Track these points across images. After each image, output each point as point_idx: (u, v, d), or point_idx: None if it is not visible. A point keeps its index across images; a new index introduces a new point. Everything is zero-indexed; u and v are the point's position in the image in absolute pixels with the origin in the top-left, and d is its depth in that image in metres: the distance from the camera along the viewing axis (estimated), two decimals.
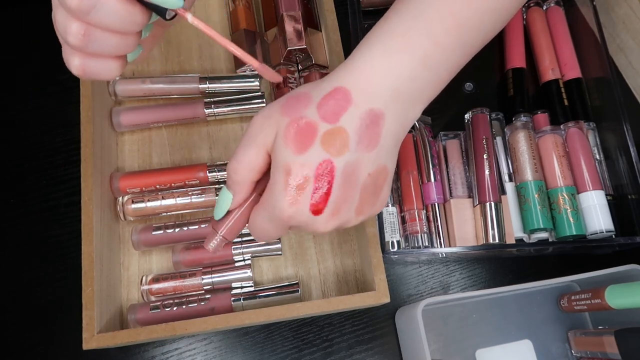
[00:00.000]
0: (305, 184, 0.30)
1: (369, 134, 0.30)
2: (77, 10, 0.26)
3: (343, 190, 0.30)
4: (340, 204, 0.31)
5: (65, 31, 0.28)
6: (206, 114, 0.51)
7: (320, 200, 0.30)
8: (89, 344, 0.40)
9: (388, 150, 0.32)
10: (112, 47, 0.29)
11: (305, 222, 0.31)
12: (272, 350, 0.48)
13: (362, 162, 0.31)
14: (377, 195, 0.32)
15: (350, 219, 0.32)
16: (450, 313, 0.49)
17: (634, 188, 0.48)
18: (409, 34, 0.31)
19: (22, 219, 0.50)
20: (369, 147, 0.30)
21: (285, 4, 0.53)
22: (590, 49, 0.55)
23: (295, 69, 0.54)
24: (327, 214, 0.31)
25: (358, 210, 0.32)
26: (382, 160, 0.32)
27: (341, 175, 0.30)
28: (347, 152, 0.30)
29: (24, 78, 0.55)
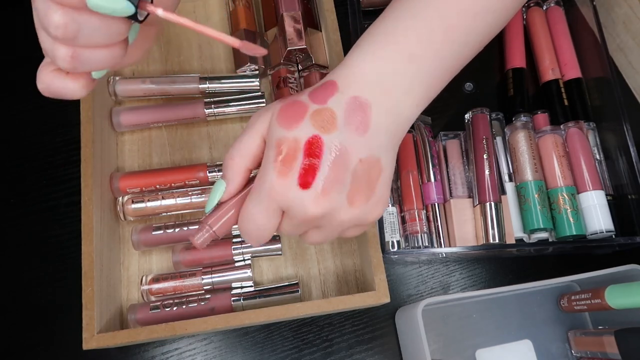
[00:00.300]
0: (295, 157, 0.30)
1: (357, 117, 0.31)
2: (63, 38, 0.27)
3: (332, 168, 0.30)
4: (330, 183, 0.30)
5: (52, 55, 0.28)
6: (206, 114, 0.51)
7: (308, 173, 0.30)
8: (89, 344, 0.40)
9: (381, 143, 0.32)
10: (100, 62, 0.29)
11: (294, 198, 0.30)
12: (272, 350, 0.48)
13: (351, 144, 0.31)
14: (372, 190, 0.32)
15: (341, 206, 0.31)
16: (450, 313, 0.49)
17: (634, 188, 0.48)
18: (395, 32, 0.32)
19: (22, 219, 0.50)
20: (358, 131, 0.31)
21: (285, 4, 0.53)
22: (590, 49, 0.55)
23: (295, 69, 0.54)
24: (315, 189, 0.30)
25: (350, 198, 0.31)
26: (375, 152, 0.31)
27: (330, 152, 0.30)
28: (336, 130, 0.31)
29: (23, 78, 0.55)
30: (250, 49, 0.29)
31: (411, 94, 0.33)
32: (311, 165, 0.30)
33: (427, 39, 0.32)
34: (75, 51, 0.28)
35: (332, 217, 0.31)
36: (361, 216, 0.32)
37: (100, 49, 0.28)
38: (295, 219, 0.31)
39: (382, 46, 0.32)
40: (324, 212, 0.30)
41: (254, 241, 0.33)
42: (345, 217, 0.31)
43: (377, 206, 0.32)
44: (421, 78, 0.33)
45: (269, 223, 0.32)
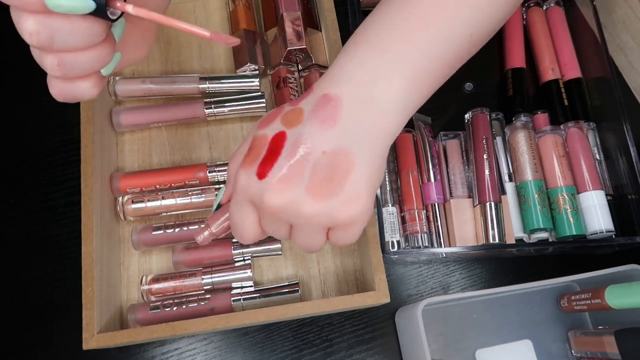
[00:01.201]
0: (260, 151, 0.31)
1: (323, 112, 0.31)
2: (41, 46, 0.27)
3: (290, 158, 0.30)
4: (286, 173, 0.30)
5: (43, 66, 0.29)
6: (206, 114, 0.51)
7: (266, 164, 0.30)
8: (89, 344, 0.40)
9: (355, 138, 0.31)
10: (88, 65, 0.29)
11: (254, 189, 0.30)
12: (272, 350, 0.47)
13: (315, 137, 0.30)
14: (339, 184, 0.30)
15: (300, 199, 0.30)
16: (450, 313, 0.49)
17: (634, 188, 0.48)
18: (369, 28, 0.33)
19: (21, 219, 0.50)
20: (324, 124, 0.31)
21: (285, 4, 0.53)
22: (590, 49, 0.55)
23: (295, 69, 0.54)
24: (272, 179, 0.30)
25: (309, 189, 0.30)
26: (344, 145, 0.30)
27: (291, 144, 0.30)
28: (300, 125, 0.31)
29: (23, 78, 0.55)
30: (221, 39, 0.29)
31: (387, 83, 0.31)
32: (271, 157, 0.31)
33: (404, 28, 0.32)
34: (60, 58, 0.28)
35: (295, 210, 0.30)
36: (329, 212, 0.30)
37: (84, 52, 0.28)
38: (261, 212, 0.32)
39: (355, 42, 0.33)
40: (282, 202, 0.30)
41: (239, 237, 0.34)
42: (309, 210, 0.30)
43: (348, 205, 0.30)
44: (399, 67, 0.31)
45: (245, 218, 0.32)
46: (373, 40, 0.32)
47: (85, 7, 0.26)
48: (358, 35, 0.33)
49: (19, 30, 0.27)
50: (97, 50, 0.29)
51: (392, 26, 0.32)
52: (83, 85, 0.30)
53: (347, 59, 0.32)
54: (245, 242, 0.34)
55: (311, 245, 0.33)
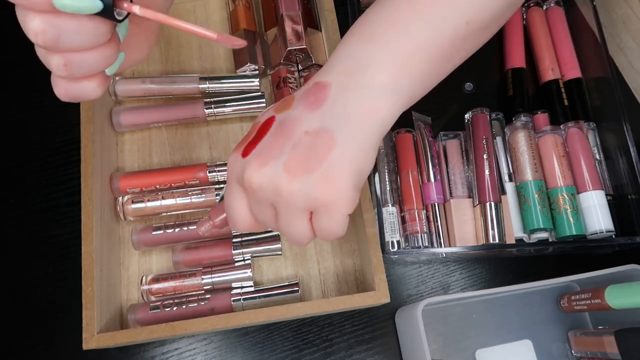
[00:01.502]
0: (250, 135, 0.32)
1: (311, 96, 0.32)
2: (46, 46, 0.27)
3: (272, 137, 0.31)
4: (267, 150, 0.30)
5: (49, 66, 0.29)
6: (206, 114, 0.51)
7: (250, 144, 0.32)
8: (89, 344, 0.40)
9: (337, 119, 0.30)
10: (94, 65, 0.29)
11: (238, 167, 0.31)
12: (272, 350, 0.48)
13: (301, 119, 0.31)
14: (316, 162, 0.29)
15: (276, 173, 0.30)
16: (450, 313, 0.49)
17: (634, 188, 0.48)
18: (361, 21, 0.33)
19: (22, 219, 0.50)
20: (312, 107, 0.31)
21: (285, 4, 0.53)
22: (590, 49, 0.55)
23: (295, 69, 0.54)
24: (252, 155, 0.31)
25: (286, 165, 0.29)
26: (328, 125, 0.30)
27: (276, 126, 0.31)
28: (289, 109, 0.32)
29: (24, 78, 0.55)
30: (228, 41, 0.29)
31: (375, 69, 0.31)
32: (256, 138, 0.32)
33: (392, 19, 0.32)
34: (66, 58, 0.28)
35: (273, 187, 0.30)
36: (305, 191, 0.29)
37: (89, 52, 0.29)
38: (246, 192, 0.32)
39: (347, 35, 0.34)
40: (260, 178, 0.30)
41: (232, 224, 0.34)
42: (286, 187, 0.29)
43: (325, 183, 0.29)
44: (387, 53, 0.31)
45: (236, 201, 0.33)
46: (363, 32, 0.33)
47: (92, 7, 0.26)
48: (350, 30, 0.34)
49: (25, 29, 0.27)
50: (102, 50, 0.29)
51: (382, 17, 0.32)
52: (88, 85, 0.31)
53: (338, 51, 0.33)
54: (238, 229, 0.34)
55: (295, 232, 0.32)
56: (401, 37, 0.31)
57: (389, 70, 0.31)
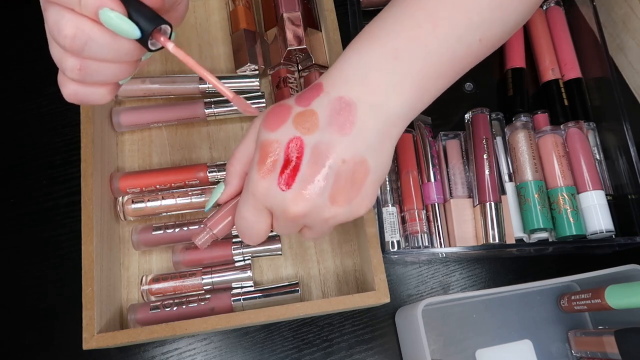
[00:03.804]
0: (277, 158, 0.31)
1: (340, 118, 0.31)
2: (70, 49, 0.27)
3: (313, 168, 0.30)
4: (310, 184, 0.30)
5: (62, 66, 0.29)
6: (206, 114, 0.51)
7: (289, 175, 0.31)
8: (89, 344, 0.40)
9: (367, 143, 0.31)
10: (109, 76, 0.30)
11: (275, 199, 0.31)
12: (272, 350, 0.48)
13: (334, 145, 0.31)
14: (357, 190, 0.31)
15: (323, 206, 0.31)
16: (450, 313, 0.49)
17: (634, 188, 0.48)
18: (381, 31, 0.32)
19: (22, 219, 0.50)
20: (342, 131, 0.31)
21: (285, 4, 0.53)
22: (590, 49, 0.55)
23: (295, 69, 0.54)
24: (295, 189, 0.30)
25: (332, 197, 0.31)
26: (361, 152, 0.31)
27: (311, 152, 0.30)
28: (317, 131, 0.31)
29: (24, 78, 0.55)
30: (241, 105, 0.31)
31: (399, 90, 0.32)
32: (291, 166, 0.31)
33: (414, 35, 0.32)
34: (82, 63, 0.28)
35: (316, 215, 0.31)
36: (347, 214, 0.32)
37: (108, 64, 0.29)
38: (279, 218, 0.32)
39: (367, 44, 0.32)
40: (305, 211, 0.31)
41: (249, 239, 0.34)
42: (328, 214, 0.31)
43: (361, 205, 0.32)
44: (409, 74, 0.32)
45: (259, 222, 0.33)
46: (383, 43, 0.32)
47: (132, 34, 0.27)
48: (368, 34, 0.33)
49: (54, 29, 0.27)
50: (122, 66, 0.30)
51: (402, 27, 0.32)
52: (99, 91, 0.31)
53: (357, 58, 0.32)
54: (253, 244, 0.34)
55: (318, 236, 0.34)
56: (422, 58, 0.32)
57: (410, 94, 0.32)
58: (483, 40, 0.33)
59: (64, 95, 0.31)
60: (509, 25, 0.34)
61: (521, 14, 0.34)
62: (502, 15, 0.33)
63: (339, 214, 0.31)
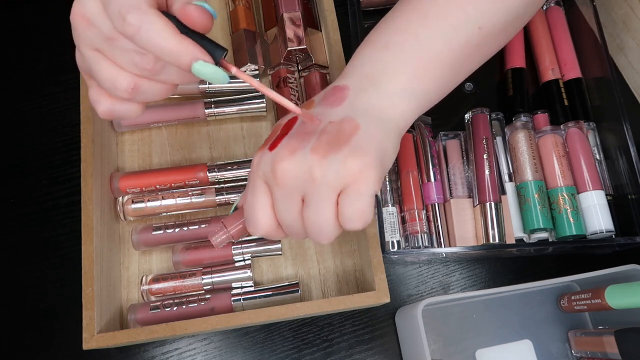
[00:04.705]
0: (274, 135, 0.33)
1: (331, 96, 0.34)
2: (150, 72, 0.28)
3: (299, 130, 0.32)
4: (295, 140, 0.31)
5: (114, 86, 0.29)
6: (206, 114, 0.51)
7: (277, 139, 0.32)
8: (89, 344, 0.40)
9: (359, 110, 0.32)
10: (157, 95, 0.31)
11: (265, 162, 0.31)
12: (272, 350, 0.48)
13: (325, 113, 0.32)
14: (344, 142, 0.30)
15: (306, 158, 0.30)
16: (450, 313, 0.49)
17: (634, 188, 0.48)
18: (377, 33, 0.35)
19: (22, 219, 0.50)
20: (332, 105, 0.33)
21: (285, 4, 0.53)
22: (590, 49, 0.55)
23: (295, 69, 0.54)
24: (280, 147, 0.31)
25: (314, 149, 0.30)
26: (350, 114, 0.32)
27: (301, 122, 0.33)
28: (311, 109, 0.34)
29: (24, 78, 0.55)
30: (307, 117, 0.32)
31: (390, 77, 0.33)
32: (282, 135, 0.32)
33: (404, 28, 0.34)
34: (136, 83, 0.29)
35: (307, 170, 0.30)
36: (335, 167, 0.30)
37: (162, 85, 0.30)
38: (273, 187, 0.31)
39: (364, 44, 0.36)
40: (291, 166, 0.30)
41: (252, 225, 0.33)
42: (317, 170, 0.30)
43: (353, 155, 0.30)
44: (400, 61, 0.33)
45: (259, 201, 0.32)
46: (378, 40, 0.35)
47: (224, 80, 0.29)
48: (366, 39, 0.36)
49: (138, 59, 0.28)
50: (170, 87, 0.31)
51: (395, 26, 0.35)
52: (134, 107, 0.31)
53: (354, 59, 0.35)
54: (259, 232, 0.33)
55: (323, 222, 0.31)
56: (413, 47, 0.34)
57: (403, 78, 0.33)
58: (483, 29, 0.34)
59: (98, 112, 0.31)
60: (512, 13, 0.35)
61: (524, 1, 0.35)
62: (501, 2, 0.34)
63: (327, 169, 0.29)
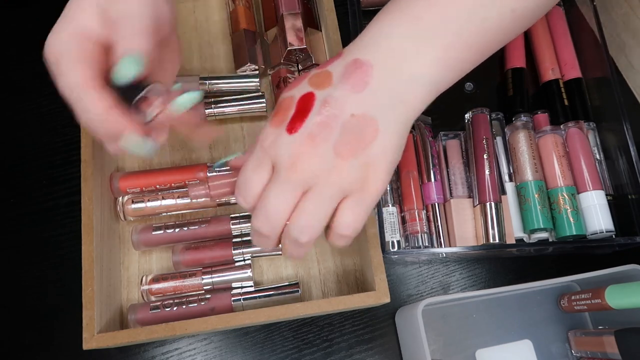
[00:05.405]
0: (288, 109, 0.32)
1: (353, 76, 0.31)
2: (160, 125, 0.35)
3: (320, 116, 0.30)
4: (317, 128, 0.30)
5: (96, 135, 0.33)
6: (206, 114, 0.51)
7: (297, 120, 0.31)
8: (89, 344, 0.40)
9: (380, 104, 0.31)
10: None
11: (282, 143, 0.31)
12: (272, 350, 0.48)
13: (344, 100, 0.31)
14: (363, 147, 0.30)
15: (327, 155, 0.30)
16: (450, 313, 0.49)
17: (634, 188, 0.48)
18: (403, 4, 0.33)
19: (22, 219, 0.50)
20: (354, 88, 0.31)
21: (285, 3, 0.53)
22: (590, 49, 0.55)
23: (295, 69, 0.54)
24: (302, 133, 0.30)
25: (336, 148, 0.30)
26: (371, 111, 0.31)
27: (320, 104, 0.31)
28: (329, 87, 0.31)
29: (24, 78, 0.55)
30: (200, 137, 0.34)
31: (417, 58, 0.32)
32: (300, 114, 0.31)
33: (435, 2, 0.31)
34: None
35: (319, 166, 0.30)
36: (351, 172, 0.30)
37: None
38: (283, 168, 0.31)
39: (389, 14, 0.33)
40: (309, 158, 0.30)
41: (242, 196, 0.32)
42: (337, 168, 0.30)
43: (368, 167, 0.30)
44: (431, 40, 0.31)
45: (256, 176, 0.32)
46: (405, 11, 0.32)
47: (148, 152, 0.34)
48: (391, 5, 0.33)
49: None
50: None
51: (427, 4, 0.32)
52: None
53: (378, 26, 0.33)
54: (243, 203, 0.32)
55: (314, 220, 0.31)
56: (446, 29, 0.31)
57: (431, 64, 0.32)
58: (516, 11, 0.32)
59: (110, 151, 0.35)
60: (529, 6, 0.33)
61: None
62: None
63: (344, 170, 0.30)
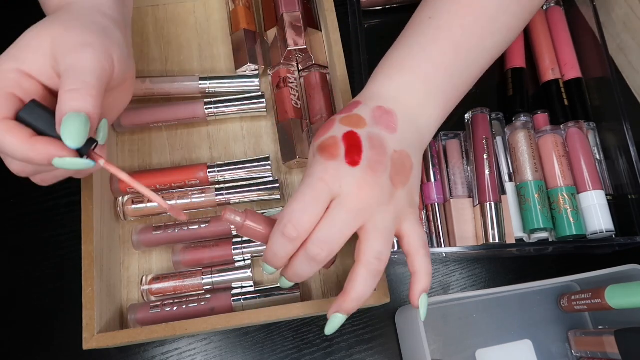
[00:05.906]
0: (337, 145, 0.33)
1: (383, 120, 0.35)
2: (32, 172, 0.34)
3: (373, 150, 0.33)
4: (375, 162, 0.33)
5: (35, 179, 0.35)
6: (206, 114, 0.51)
7: (354, 153, 0.33)
8: (89, 344, 0.40)
9: (410, 142, 0.36)
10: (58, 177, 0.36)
11: (347, 175, 0.32)
12: (272, 350, 0.48)
13: (385, 138, 0.34)
14: (407, 176, 0.35)
15: (386, 183, 0.33)
16: (450, 313, 0.49)
17: (634, 188, 0.48)
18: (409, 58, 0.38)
19: (22, 219, 0.50)
20: (389, 129, 0.35)
21: (285, 4, 0.53)
22: (590, 49, 0.55)
23: (295, 69, 0.54)
24: (363, 166, 0.32)
25: (392, 178, 0.33)
26: (406, 147, 0.35)
27: (367, 140, 0.34)
28: (366, 127, 0.34)
29: None
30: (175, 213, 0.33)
31: (426, 107, 0.37)
32: (354, 148, 0.33)
33: (439, 62, 0.37)
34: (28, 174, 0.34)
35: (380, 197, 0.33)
36: (402, 200, 0.34)
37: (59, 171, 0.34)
38: (346, 202, 0.32)
39: (398, 71, 0.38)
40: (372, 190, 0.32)
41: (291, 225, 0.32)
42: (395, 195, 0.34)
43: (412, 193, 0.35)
44: (434, 94, 0.37)
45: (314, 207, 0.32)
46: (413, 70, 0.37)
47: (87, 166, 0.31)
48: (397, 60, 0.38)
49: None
50: None
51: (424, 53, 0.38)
52: None
53: (388, 81, 0.37)
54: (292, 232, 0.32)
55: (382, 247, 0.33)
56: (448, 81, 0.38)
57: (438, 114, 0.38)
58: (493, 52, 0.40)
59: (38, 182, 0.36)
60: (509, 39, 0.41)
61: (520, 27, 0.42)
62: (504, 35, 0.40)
63: (398, 198, 0.34)
